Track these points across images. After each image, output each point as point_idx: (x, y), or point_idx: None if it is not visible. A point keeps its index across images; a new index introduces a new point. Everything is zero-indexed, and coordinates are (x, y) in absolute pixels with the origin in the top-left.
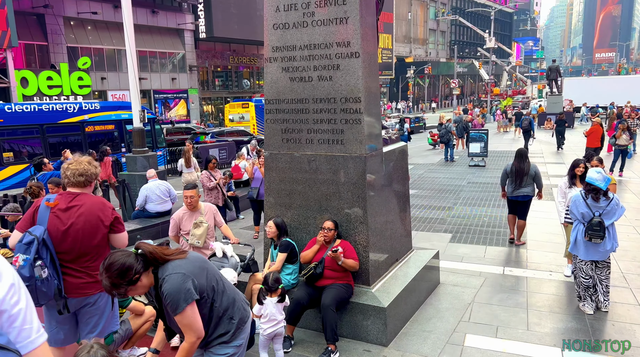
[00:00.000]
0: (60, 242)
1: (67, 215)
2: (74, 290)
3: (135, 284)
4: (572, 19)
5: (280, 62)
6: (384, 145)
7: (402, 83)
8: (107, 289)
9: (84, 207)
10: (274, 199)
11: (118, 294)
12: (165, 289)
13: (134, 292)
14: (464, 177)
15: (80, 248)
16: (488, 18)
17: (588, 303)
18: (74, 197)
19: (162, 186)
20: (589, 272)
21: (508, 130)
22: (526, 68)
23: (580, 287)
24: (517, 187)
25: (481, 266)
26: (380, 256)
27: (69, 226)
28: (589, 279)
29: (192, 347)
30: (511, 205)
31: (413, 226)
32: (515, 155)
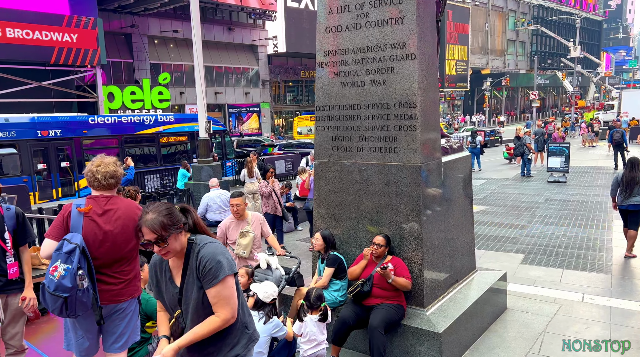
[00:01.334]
0: (97, 248)
1: (104, 219)
2: (107, 297)
3: (177, 233)
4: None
5: (332, 66)
6: (443, 154)
7: (477, 95)
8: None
9: (121, 210)
10: (323, 210)
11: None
12: (205, 254)
13: (165, 250)
14: (542, 193)
15: (116, 253)
16: (573, 26)
17: None
18: (107, 201)
19: (223, 196)
20: None
21: (594, 145)
22: (617, 79)
23: None
24: (627, 196)
25: (556, 292)
26: (437, 276)
27: (107, 231)
28: None
29: (224, 324)
30: (623, 215)
31: (480, 244)
32: (627, 164)
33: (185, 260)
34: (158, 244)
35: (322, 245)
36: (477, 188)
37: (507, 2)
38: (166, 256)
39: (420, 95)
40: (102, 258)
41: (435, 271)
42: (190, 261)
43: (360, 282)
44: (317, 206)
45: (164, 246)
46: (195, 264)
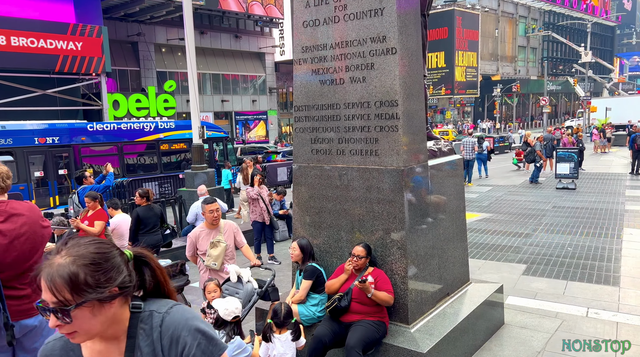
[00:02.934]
0: (2, 260)
1: (8, 226)
2: (17, 313)
3: (101, 300)
4: None
5: (310, 63)
6: (431, 157)
7: (487, 102)
8: (48, 280)
9: (25, 215)
10: (303, 218)
11: (56, 305)
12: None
13: (70, 329)
14: (549, 200)
15: (25, 262)
16: (584, 32)
17: None
18: (6, 205)
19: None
20: None
21: (607, 151)
22: (631, 84)
23: None
24: None
25: (559, 305)
26: (424, 289)
27: (14, 238)
28: None
29: None
30: None
31: (481, 254)
32: None
33: (129, 344)
34: (56, 316)
35: (300, 255)
36: (482, 195)
37: (517, 8)
38: (74, 339)
39: (402, 93)
40: (9, 270)
41: (422, 283)
42: (139, 344)
43: (337, 296)
44: (296, 213)
45: (66, 322)
46: (156, 348)
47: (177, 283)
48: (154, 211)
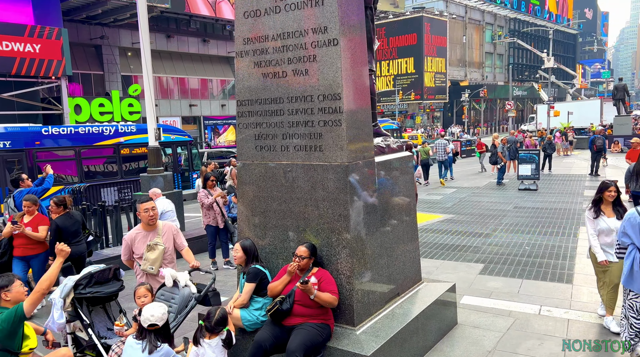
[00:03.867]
0: None
1: None
2: None
3: None
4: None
5: (252, 55)
6: (378, 153)
7: (456, 107)
8: None
9: None
10: (248, 219)
11: None
12: None
13: None
14: (511, 201)
15: None
16: (548, 39)
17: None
18: None
19: (171, 205)
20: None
21: (569, 153)
22: (593, 90)
23: (628, 330)
24: (637, 183)
25: (512, 304)
26: (372, 289)
27: None
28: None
29: None
30: (635, 200)
31: (440, 254)
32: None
33: None
34: None
35: (243, 257)
36: (446, 197)
37: (483, 15)
38: None
39: (345, 86)
40: None
41: (370, 283)
42: None
43: (278, 299)
44: (241, 213)
45: None
46: None
47: (110, 289)
48: (74, 218)
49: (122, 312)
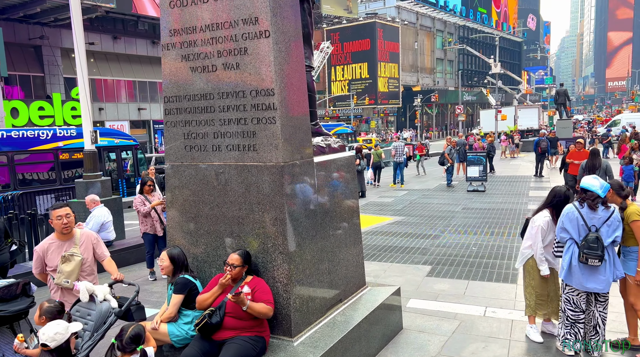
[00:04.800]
0: None
1: None
2: None
3: None
4: (583, 48)
5: (179, 48)
6: (318, 154)
7: (409, 112)
8: None
9: None
10: (178, 225)
11: None
12: None
13: None
14: (460, 202)
15: None
16: (495, 46)
17: (570, 343)
18: None
19: (110, 215)
20: (582, 305)
21: (515, 156)
22: (537, 96)
23: (564, 323)
24: None
25: (459, 306)
26: (311, 297)
27: None
28: (578, 313)
29: None
30: None
31: (388, 257)
32: (590, 154)
33: None
34: None
35: (170, 267)
36: (397, 199)
37: (434, 22)
38: None
39: (279, 81)
40: None
41: (309, 291)
42: None
43: (207, 311)
44: (171, 219)
45: None
46: None
47: (17, 307)
48: None
49: (33, 332)
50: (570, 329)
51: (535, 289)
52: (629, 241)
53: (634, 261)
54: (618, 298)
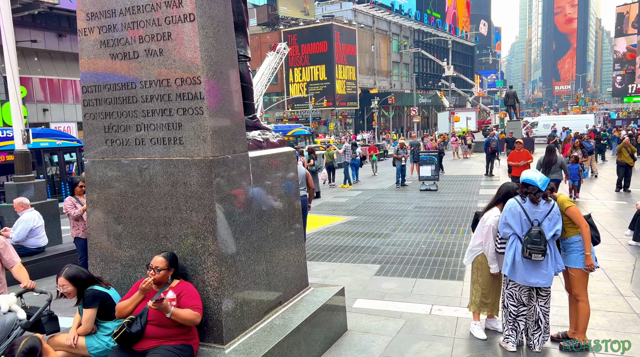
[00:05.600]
0: None
1: None
2: None
3: None
4: (532, 54)
5: (98, 33)
6: (255, 148)
7: (367, 114)
8: None
9: None
10: (100, 226)
11: None
12: None
13: None
14: (412, 201)
15: None
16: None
17: (512, 339)
18: None
19: (42, 220)
20: (523, 299)
21: (468, 156)
22: (490, 99)
23: (506, 318)
24: (547, 174)
25: (405, 305)
26: (246, 300)
27: None
28: (519, 307)
29: None
30: None
31: (338, 257)
32: (546, 151)
33: None
34: None
35: (74, 289)
36: (351, 199)
37: (390, 26)
38: None
39: (206, 68)
40: None
41: (243, 294)
42: None
43: (127, 320)
44: (92, 221)
45: None
46: None
47: None
48: None
49: None
50: (512, 324)
51: (482, 286)
52: (568, 232)
53: (575, 252)
54: (559, 292)
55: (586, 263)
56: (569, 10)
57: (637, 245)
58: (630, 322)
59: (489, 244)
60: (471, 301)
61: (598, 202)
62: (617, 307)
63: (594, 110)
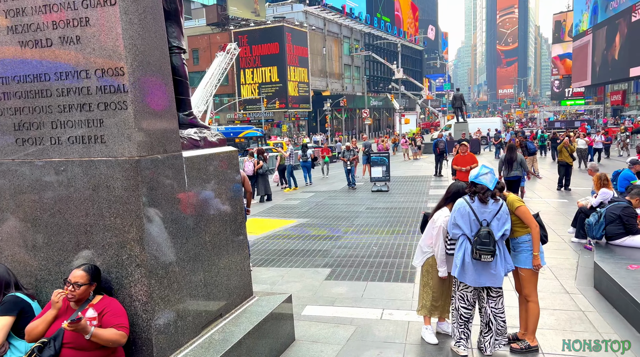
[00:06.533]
0: None
1: None
2: None
3: None
4: (477, 58)
5: (5, 18)
6: (190, 147)
7: (320, 116)
8: None
9: None
10: (12, 236)
11: None
12: None
13: None
14: (364, 203)
15: None
16: (398, 53)
17: (464, 342)
18: None
19: None
20: (474, 300)
21: (418, 158)
22: (438, 102)
23: (457, 321)
24: (509, 171)
25: (356, 310)
26: (180, 315)
27: None
28: (470, 310)
29: None
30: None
31: (287, 262)
32: (507, 149)
33: None
34: None
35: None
36: (303, 201)
37: (341, 28)
38: None
39: (130, 58)
40: None
41: (177, 308)
42: None
43: (38, 343)
44: (1, 231)
45: None
46: None
47: None
48: None
49: None
50: (464, 327)
51: (433, 289)
52: (517, 232)
53: (524, 252)
54: (508, 292)
55: (534, 263)
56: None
57: (580, 242)
58: (577, 321)
59: (439, 245)
60: (421, 305)
61: (542, 200)
62: (563, 306)
63: (535, 112)
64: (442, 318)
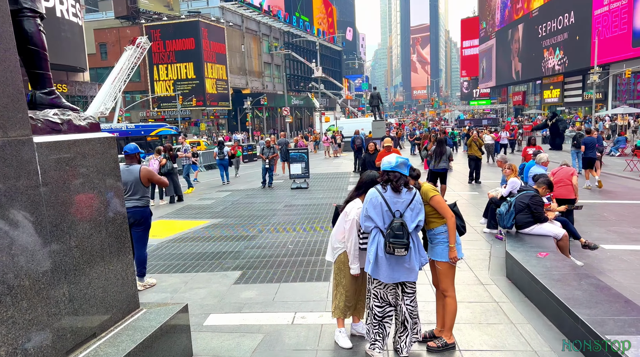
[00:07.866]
0: None
1: None
2: None
3: None
4: (393, 60)
5: None
6: (47, 131)
7: (240, 114)
8: None
9: None
10: None
11: None
12: None
13: None
14: (283, 200)
15: None
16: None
17: (380, 344)
18: None
19: None
20: (389, 298)
21: (338, 155)
22: (357, 101)
23: (371, 321)
24: (437, 163)
25: (265, 315)
26: (35, 340)
27: None
28: (384, 307)
29: None
30: (433, 175)
31: (194, 266)
32: (437, 143)
33: None
34: None
35: None
36: (218, 201)
37: (260, 26)
38: None
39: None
40: None
41: (29, 332)
42: None
43: None
44: None
45: None
46: None
47: None
48: None
49: None
50: (378, 328)
51: (346, 288)
52: (432, 223)
53: (441, 244)
54: (424, 286)
55: (450, 256)
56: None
57: (491, 232)
58: (492, 312)
59: (352, 240)
60: (335, 306)
61: (454, 193)
62: (478, 297)
63: (447, 112)
64: (356, 319)
